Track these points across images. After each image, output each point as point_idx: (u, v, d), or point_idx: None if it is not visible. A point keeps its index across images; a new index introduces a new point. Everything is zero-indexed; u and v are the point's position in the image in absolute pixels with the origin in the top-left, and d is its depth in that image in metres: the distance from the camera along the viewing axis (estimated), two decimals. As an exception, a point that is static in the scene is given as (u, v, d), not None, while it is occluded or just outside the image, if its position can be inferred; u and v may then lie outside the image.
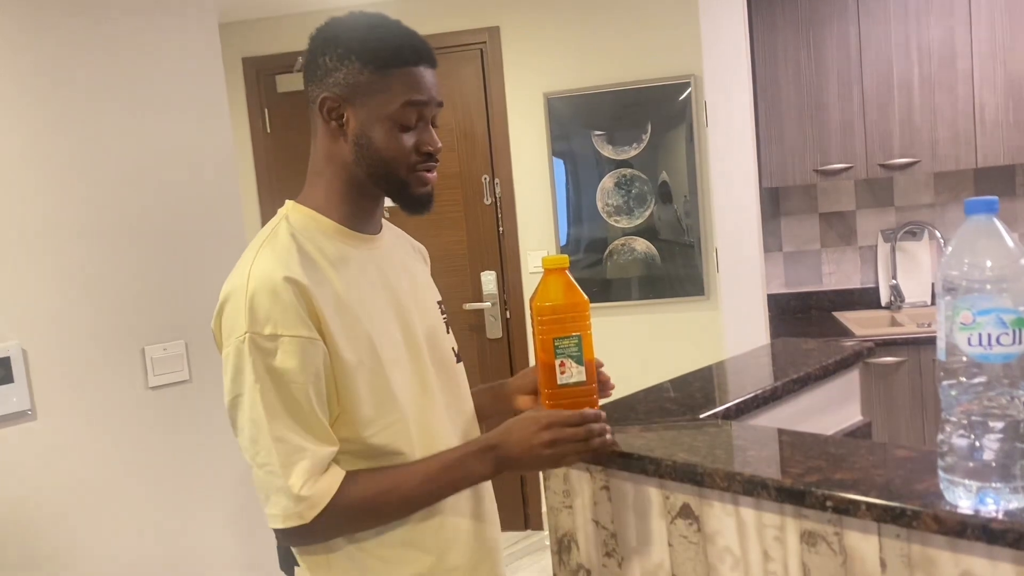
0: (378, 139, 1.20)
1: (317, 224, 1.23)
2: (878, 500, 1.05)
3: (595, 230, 3.80)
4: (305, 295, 1.13)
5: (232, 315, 1.14)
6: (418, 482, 1.18)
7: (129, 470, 2.03)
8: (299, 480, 1.11)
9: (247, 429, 1.14)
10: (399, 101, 1.19)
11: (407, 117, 1.20)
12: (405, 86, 1.19)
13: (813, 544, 1.14)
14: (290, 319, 1.11)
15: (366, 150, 1.21)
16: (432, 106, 1.23)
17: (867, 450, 1.23)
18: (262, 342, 1.11)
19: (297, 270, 1.14)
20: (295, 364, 1.11)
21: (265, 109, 3.95)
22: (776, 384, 1.67)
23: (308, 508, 1.12)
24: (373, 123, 1.20)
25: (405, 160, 1.21)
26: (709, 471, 1.21)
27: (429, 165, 1.24)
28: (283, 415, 1.12)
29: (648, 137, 3.70)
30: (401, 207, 1.27)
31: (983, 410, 0.97)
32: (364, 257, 1.26)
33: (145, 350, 2.05)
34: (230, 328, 1.14)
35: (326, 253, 1.21)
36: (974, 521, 0.97)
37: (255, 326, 1.11)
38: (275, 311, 1.11)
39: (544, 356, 1.36)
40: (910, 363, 3.14)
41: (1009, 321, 0.93)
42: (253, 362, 1.11)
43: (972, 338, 0.95)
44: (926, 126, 3.30)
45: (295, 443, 1.12)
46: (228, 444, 2.16)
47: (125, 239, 2.03)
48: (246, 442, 1.15)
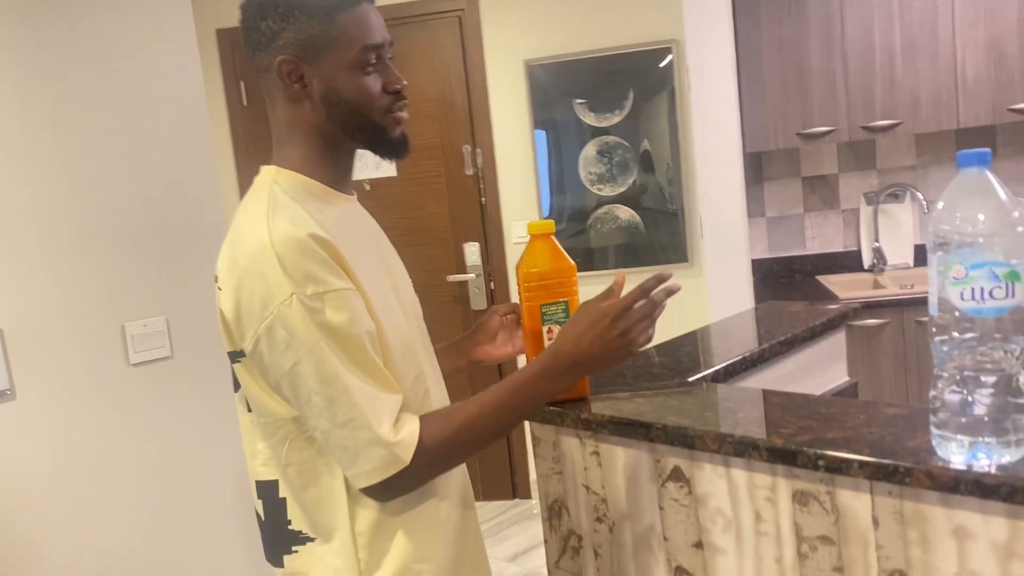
0: (346, 90, 1.15)
1: (306, 186, 1.18)
2: (870, 458, 1.04)
3: (578, 199, 3.78)
4: (331, 250, 1.10)
5: (262, 285, 1.07)
6: (492, 411, 1.15)
7: (111, 448, 2.01)
8: (388, 427, 1.08)
9: (319, 391, 1.07)
10: (357, 46, 1.14)
11: (368, 60, 1.15)
12: (358, 29, 1.15)
13: (805, 504, 1.14)
14: (328, 274, 1.08)
15: (336, 105, 1.16)
16: (386, 46, 1.19)
17: (858, 409, 1.22)
18: (309, 302, 1.06)
19: (315, 227, 1.10)
20: (346, 318, 1.08)
21: (241, 81, 3.88)
22: (763, 347, 1.66)
23: (404, 450, 1.09)
24: (337, 75, 1.15)
25: (378, 104, 1.18)
26: (700, 433, 1.21)
27: (401, 103, 1.20)
28: (353, 368, 1.08)
29: (630, 104, 3.67)
30: (381, 155, 1.23)
31: (975, 365, 0.96)
32: (350, 219, 1.23)
33: (125, 327, 2.02)
34: (263, 299, 1.07)
35: (323, 214, 1.16)
36: (967, 476, 0.97)
37: (297, 287, 1.06)
38: (312, 268, 1.07)
39: (531, 323, 1.35)
40: (893, 325, 3.16)
41: (1002, 275, 0.92)
42: (307, 323, 1.06)
43: (964, 292, 0.94)
44: (908, 87, 3.29)
45: (372, 393, 1.09)
46: (212, 420, 2.15)
47: (102, 215, 1.99)
48: (320, 405, 1.08)
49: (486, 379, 3.96)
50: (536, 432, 1.44)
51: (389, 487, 1.11)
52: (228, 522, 2.20)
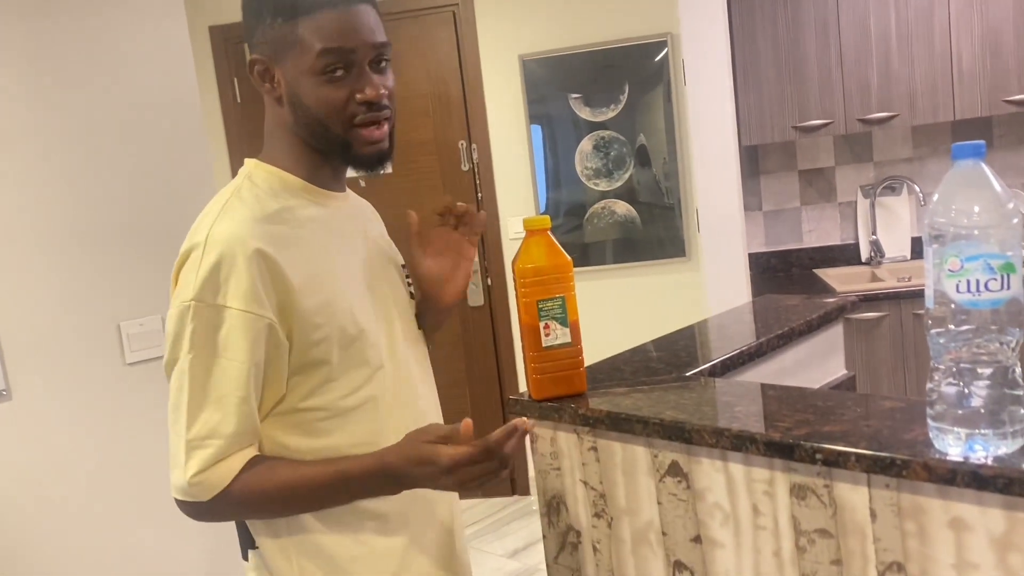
0: (306, 96, 1.10)
1: (283, 182, 1.15)
2: (867, 451, 1.04)
3: (575, 194, 3.78)
4: (270, 267, 1.06)
5: (186, 275, 1.08)
6: (314, 487, 1.11)
7: (108, 447, 2.00)
8: (196, 466, 1.07)
9: (172, 395, 1.10)
10: (315, 49, 1.08)
11: (329, 66, 1.08)
12: (317, 33, 1.08)
13: (803, 497, 1.14)
14: (244, 293, 1.04)
15: (299, 110, 1.12)
16: (363, 51, 1.10)
17: (855, 402, 1.22)
18: (208, 312, 1.05)
19: (263, 238, 1.07)
20: (239, 340, 1.05)
21: (235, 78, 3.87)
22: (760, 340, 1.66)
23: (201, 491, 1.09)
24: (298, 79, 1.10)
25: (339, 116, 1.10)
26: (697, 428, 1.20)
27: (371, 116, 1.12)
28: (208, 393, 1.07)
29: (625, 98, 3.67)
30: (353, 168, 1.18)
31: (972, 357, 0.96)
32: (335, 217, 1.20)
33: (121, 326, 2.01)
34: (181, 288, 1.08)
35: (296, 214, 1.14)
36: (963, 468, 0.97)
37: (203, 294, 1.05)
38: (231, 281, 1.04)
39: (528, 319, 1.34)
40: (891, 318, 3.16)
41: (997, 266, 0.92)
42: (194, 330, 1.05)
43: (960, 285, 0.93)
44: (904, 79, 3.29)
45: (209, 427, 1.07)
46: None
47: (97, 214, 1.98)
48: (170, 406, 1.11)
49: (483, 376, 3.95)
50: (534, 429, 1.44)
51: (182, 509, 1.14)
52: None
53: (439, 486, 1.09)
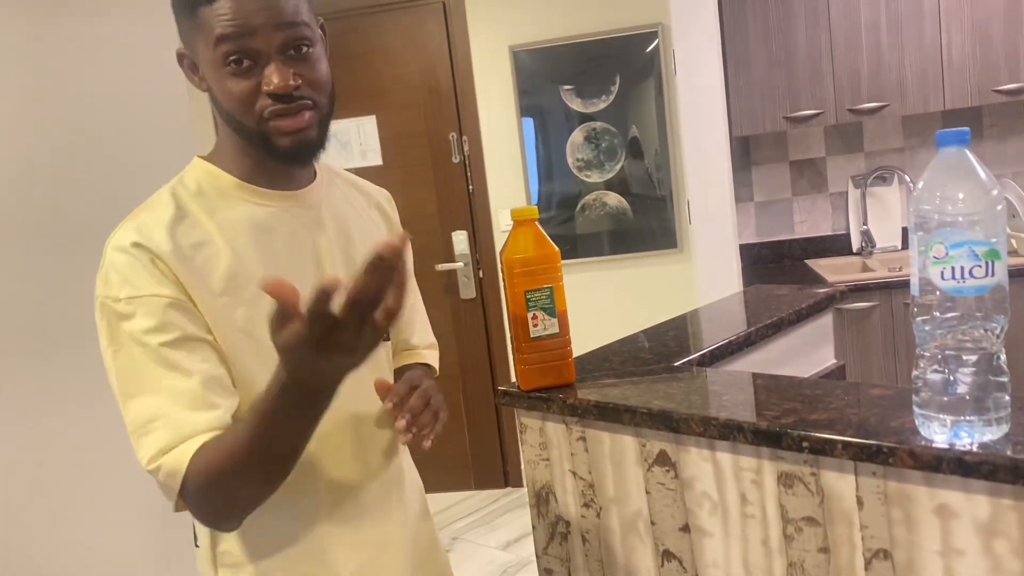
0: (216, 91, 1.05)
1: (215, 182, 1.11)
2: (854, 439, 1.04)
3: (566, 186, 3.77)
4: (162, 263, 1.03)
5: (99, 275, 1.05)
6: (250, 438, 0.98)
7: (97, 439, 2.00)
8: (148, 453, 1.01)
9: (113, 383, 1.05)
10: (211, 40, 1.01)
11: (228, 56, 1.01)
12: (215, 20, 1.00)
13: (790, 485, 1.14)
14: (145, 281, 1.02)
15: (216, 104, 1.07)
16: (265, 34, 1.00)
17: (842, 390, 1.23)
18: (116, 306, 1.02)
19: (159, 237, 1.04)
20: (153, 324, 1.01)
21: (225, 71, 3.85)
22: (750, 330, 1.66)
23: (165, 478, 1.01)
24: (208, 72, 1.04)
25: (248, 109, 1.03)
26: (685, 417, 1.20)
27: (279, 108, 1.03)
28: (138, 381, 1.02)
29: (616, 89, 3.66)
30: (278, 163, 1.10)
31: (957, 344, 0.96)
32: (273, 218, 1.13)
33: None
34: (97, 287, 1.05)
35: (219, 216, 1.09)
36: (949, 455, 0.97)
37: (109, 290, 1.03)
38: (130, 275, 1.02)
39: (516, 309, 1.34)
40: (882, 307, 3.17)
41: (981, 253, 0.92)
42: (109, 324, 1.02)
43: (945, 272, 0.94)
44: (894, 69, 3.29)
45: (149, 412, 1.01)
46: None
47: (84, 203, 1.97)
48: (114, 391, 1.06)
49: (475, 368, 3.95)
50: (522, 419, 1.44)
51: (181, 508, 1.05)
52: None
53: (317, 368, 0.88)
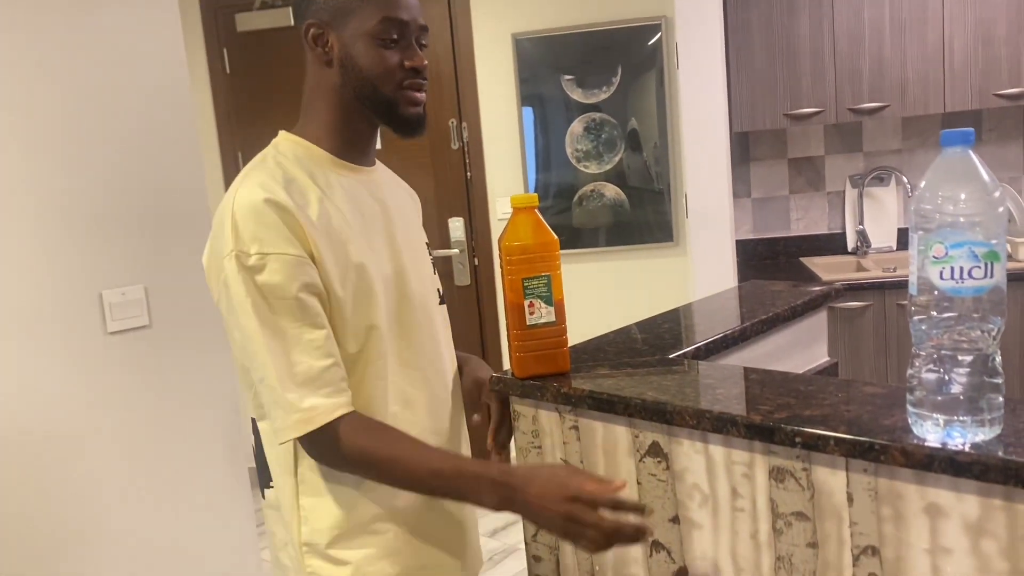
0: (360, 56, 1.21)
1: (308, 152, 1.24)
2: (847, 435, 1.05)
3: (564, 176, 3.77)
4: (289, 218, 1.13)
5: (218, 239, 1.15)
6: (424, 471, 1.15)
7: (89, 416, 1.99)
8: (294, 392, 1.12)
9: (245, 347, 1.15)
10: (377, 17, 1.20)
11: (387, 32, 1.20)
12: (380, 4, 1.20)
13: (781, 480, 1.14)
14: (275, 238, 1.12)
15: (351, 70, 1.21)
16: (413, 27, 1.24)
17: (836, 387, 1.23)
18: (248, 260, 1.11)
19: (281, 194, 1.14)
20: (282, 279, 1.12)
21: (224, 49, 3.83)
22: (745, 325, 1.66)
23: (303, 422, 1.13)
24: (355, 41, 1.20)
25: (390, 77, 1.21)
26: (679, 409, 1.20)
27: (416, 82, 1.23)
28: (275, 330, 1.12)
29: (618, 81, 3.65)
30: (393, 130, 1.27)
31: (953, 344, 0.96)
32: (357, 188, 1.27)
33: (103, 295, 1.99)
34: (218, 251, 1.15)
35: (316, 180, 1.21)
36: (941, 454, 0.97)
37: (240, 244, 1.12)
38: (260, 231, 1.12)
39: (513, 296, 1.34)
40: (875, 307, 3.18)
41: (981, 254, 0.92)
42: (243, 279, 1.11)
43: (944, 272, 0.94)
44: (896, 69, 3.29)
45: (289, 357, 1.12)
46: (190, 390, 2.13)
47: (80, 181, 1.96)
48: (247, 361, 1.17)
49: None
50: (515, 406, 1.44)
51: (303, 447, 1.18)
52: (205, 490, 2.19)
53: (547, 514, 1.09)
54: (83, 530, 1.99)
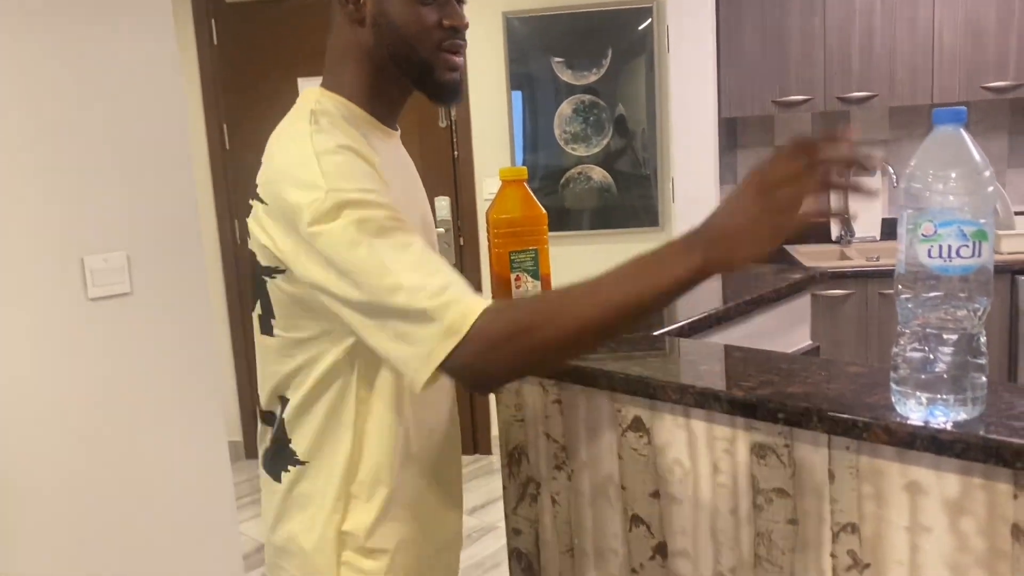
0: (396, 14, 1.10)
1: (349, 110, 1.14)
2: (830, 412, 1.05)
3: (552, 157, 3.75)
4: (372, 166, 1.05)
5: (296, 189, 1.01)
6: (609, 293, 0.96)
7: (69, 382, 1.97)
8: (434, 301, 0.94)
9: (362, 284, 0.97)
10: None
11: None
12: None
13: (763, 456, 1.14)
14: (367, 177, 1.02)
15: (385, 29, 1.10)
16: None
17: (819, 366, 1.23)
18: (348, 195, 0.99)
19: (358, 146, 1.06)
20: (387, 207, 1.01)
21: (212, 20, 3.78)
22: (729, 305, 1.67)
23: (456, 325, 0.94)
24: (392, 2, 1.10)
25: (428, 37, 1.10)
26: (662, 384, 1.20)
27: (455, 44, 1.12)
28: (394, 249, 0.98)
29: (608, 63, 3.64)
30: (428, 96, 1.16)
31: (939, 323, 0.96)
32: (393, 154, 1.20)
33: (84, 260, 1.97)
34: (298, 202, 1.00)
35: (370, 141, 1.12)
36: (923, 432, 0.98)
37: (334, 183, 0.99)
38: (352, 170, 1.02)
39: (499, 269, 1.33)
40: (857, 296, 3.19)
41: (970, 233, 0.92)
42: (344, 214, 0.98)
43: (932, 250, 0.94)
44: (885, 59, 3.29)
45: (415, 272, 0.97)
46: (171, 357, 2.11)
47: (64, 146, 1.93)
48: (363, 300, 0.98)
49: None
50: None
51: (459, 369, 0.96)
52: (184, 459, 2.18)
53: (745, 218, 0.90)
54: (59, 497, 1.97)
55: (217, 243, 3.96)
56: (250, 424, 4.14)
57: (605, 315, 0.97)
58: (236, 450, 4.10)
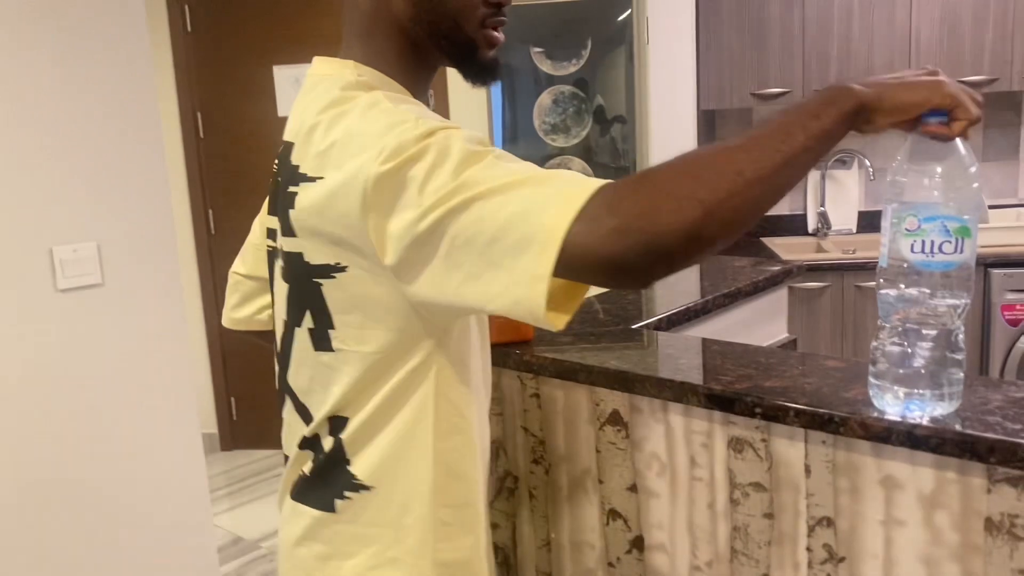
0: None
1: (385, 83, 0.99)
2: (807, 407, 1.05)
3: (531, 148, 3.74)
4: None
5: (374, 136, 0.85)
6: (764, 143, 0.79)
7: (38, 376, 1.94)
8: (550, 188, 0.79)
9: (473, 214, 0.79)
10: None
11: None
12: None
13: (740, 450, 1.14)
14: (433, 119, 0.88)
15: (427, 2, 0.98)
16: None
17: (797, 360, 1.23)
18: (436, 124, 0.85)
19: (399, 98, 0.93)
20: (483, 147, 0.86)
21: (185, 6, 3.72)
22: (707, 298, 1.67)
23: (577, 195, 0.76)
24: None
25: (473, 12, 0.98)
26: (640, 378, 1.20)
27: (499, 20, 1.01)
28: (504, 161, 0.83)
29: (587, 54, 3.63)
30: (466, 76, 1.04)
31: (919, 318, 0.97)
32: None
33: (53, 251, 1.93)
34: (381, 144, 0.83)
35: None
36: (899, 427, 0.98)
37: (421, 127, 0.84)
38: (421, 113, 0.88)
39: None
40: (833, 288, 3.21)
41: (953, 229, 0.92)
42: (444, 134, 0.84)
43: (915, 245, 0.93)
44: (863, 53, 3.30)
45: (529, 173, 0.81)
46: (144, 349, 2.08)
47: (31, 133, 1.89)
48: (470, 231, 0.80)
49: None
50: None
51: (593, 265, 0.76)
52: (157, 452, 2.15)
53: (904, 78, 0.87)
54: (29, 492, 1.94)
55: (192, 232, 3.92)
56: (225, 416, 4.11)
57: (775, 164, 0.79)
58: (211, 442, 4.07)
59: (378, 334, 0.93)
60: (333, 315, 0.94)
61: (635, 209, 0.75)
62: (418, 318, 0.92)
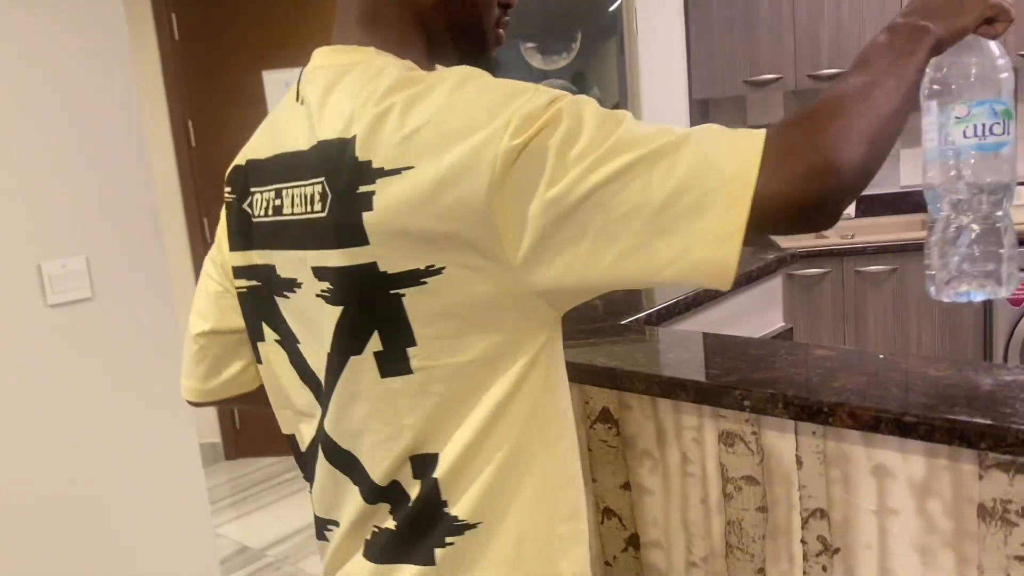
0: None
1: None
2: (796, 398, 1.04)
3: (524, 144, 3.72)
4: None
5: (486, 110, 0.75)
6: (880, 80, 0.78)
7: (31, 392, 1.93)
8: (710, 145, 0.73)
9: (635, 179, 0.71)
10: None
11: None
12: None
13: (731, 444, 1.13)
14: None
15: (449, 7, 0.93)
16: None
17: (787, 351, 1.22)
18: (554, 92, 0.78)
19: None
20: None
21: (172, 14, 3.71)
22: (699, 290, 1.65)
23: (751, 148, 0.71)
24: None
25: (491, 12, 0.97)
26: (628, 374, 1.19)
27: (507, 20, 1.02)
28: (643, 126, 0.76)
29: (578, 47, 3.61)
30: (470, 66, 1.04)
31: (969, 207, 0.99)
32: None
33: (41, 266, 1.92)
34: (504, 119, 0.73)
35: None
36: (887, 416, 0.97)
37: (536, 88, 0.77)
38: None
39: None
40: (833, 274, 3.19)
41: (999, 111, 0.95)
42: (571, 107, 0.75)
43: (967, 130, 0.96)
44: (854, 36, 3.28)
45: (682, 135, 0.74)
46: (136, 364, 2.08)
47: (18, 147, 1.88)
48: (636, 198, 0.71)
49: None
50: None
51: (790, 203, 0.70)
52: (153, 466, 2.15)
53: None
54: (27, 507, 1.94)
55: (187, 242, 3.91)
56: (228, 425, 4.11)
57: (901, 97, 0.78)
58: (215, 452, 4.07)
59: (478, 339, 0.80)
60: (415, 329, 0.80)
61: (818, 151, 0.72)
62: (531, 311, 0.80)
